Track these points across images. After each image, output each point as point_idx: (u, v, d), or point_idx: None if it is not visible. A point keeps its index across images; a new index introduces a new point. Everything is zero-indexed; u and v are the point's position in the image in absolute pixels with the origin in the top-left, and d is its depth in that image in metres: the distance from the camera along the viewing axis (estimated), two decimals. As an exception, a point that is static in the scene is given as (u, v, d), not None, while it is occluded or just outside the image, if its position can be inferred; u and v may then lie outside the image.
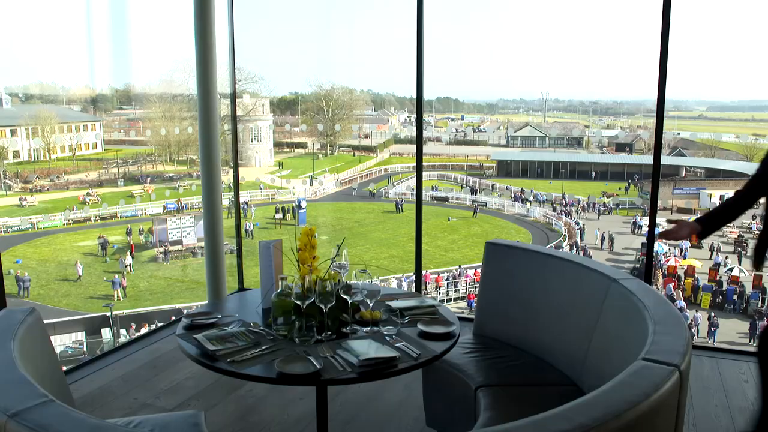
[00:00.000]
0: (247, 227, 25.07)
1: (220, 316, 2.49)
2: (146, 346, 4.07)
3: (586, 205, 30.35)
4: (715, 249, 23.21)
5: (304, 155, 39.31)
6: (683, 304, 18.50)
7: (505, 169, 37.87)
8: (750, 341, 16.98)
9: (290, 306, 2.28)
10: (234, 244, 6.61)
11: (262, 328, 2.34)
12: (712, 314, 17.82)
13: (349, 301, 2.31)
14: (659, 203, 4.12)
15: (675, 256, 22.29)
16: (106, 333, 17.42)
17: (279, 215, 28.56)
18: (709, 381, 3.55)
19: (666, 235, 2.86)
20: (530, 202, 32.16)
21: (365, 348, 2.12)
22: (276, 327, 2.30)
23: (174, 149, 34.79)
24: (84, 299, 20.23)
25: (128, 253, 22.84)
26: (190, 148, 33.37)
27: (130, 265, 22.02)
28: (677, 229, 2.80)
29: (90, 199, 29.00)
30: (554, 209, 30.70)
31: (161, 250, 23.29)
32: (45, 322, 2.13)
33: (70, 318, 17.93)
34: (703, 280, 20.35)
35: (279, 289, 2.33)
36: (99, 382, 3.52)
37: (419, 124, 4.46)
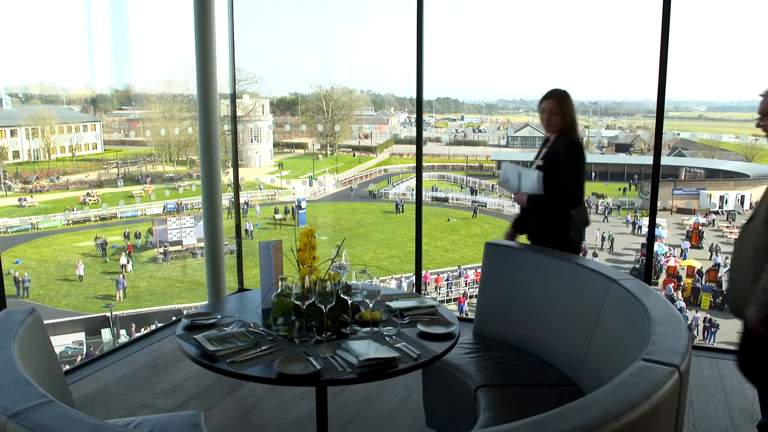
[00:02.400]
0: (247, 227, 25.07)
1: (220, 317, 2.49)
2: (146, 346, 4.08)
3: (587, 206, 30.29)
4: (715, 249, 23.20)
5: (304, 155, 39.31)
6: (683, 304, 18.50)
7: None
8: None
9: (290, 306, 2.28)
10: (234, 244, 6.61)
11: (262, 328, 2.34)
12: (708, 316, 17.80)
13: (349, 302, 2.31)
14: (659, 204, 4.12)
15: (674, 257, 22.29)
16: (106, 333, 17.42)
17: (279, 215, 28.57)
18: (709, 381, 3.55)
19: (509, 187, 3.42)
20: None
21: (365, 348, 2.12)
22: (276, 327, 2.30)
23: (174, 150, 34.76)
24: (84, 299, 20.22)
25: (122, 254, 22.85)
26: (190, 149, 33.34)
27: (124, 266, 22.02)
28: (520, 193, 3.33)
29: (90, 200, 28.97)
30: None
31: (161, 250, 23.28)
32: (45, 322, 2.13)
33: (70, 318, 17.93)
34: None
35: (279, 290, 2.33)
36: (99, 383, 3.52)
37: (419, 124, 4.46)
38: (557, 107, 3.23)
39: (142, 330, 16.30)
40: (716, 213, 28.08)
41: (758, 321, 2.36)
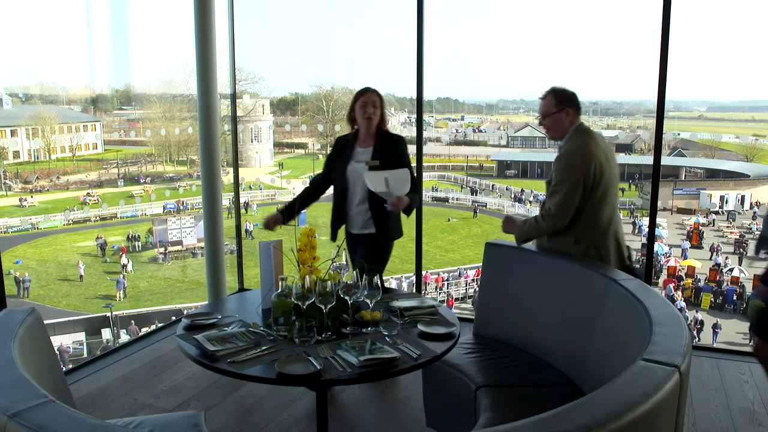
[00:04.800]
0: (248, 227, 25.07)
1: (220, 317, 2.49)
2: (146, 346, 4.08)
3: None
4: (715, 249, 23.20)
5: (304, 155, 39.28)
6: (683, 304, 18.50)
7: (505, 169, 37.89)
8: (750, 342, 16.95)
9: (290, 306, 2.28)
10: (234, 244, 6.60)
11: (262, 328, 2.34)
12: (717, 321, 17.78)
13: (349, 302, 2.31)
14: (659, 204, 4.12)
15: (675, 257, 22.28)
16: (106, 333, 17.42)
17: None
18: (709, 381, 3.55)
19: (386, 195, 3.22)
20: (530, 202, 32.13)
21: (365, 348, 2.12)
22: (276, 327, 2.30)
23: (174, 150, 34.76)
24: (84, 299, 20.22)
25: (122, 254, 22.86)
26: (190, 149, 33.33)
27: (125, 266, 22.03)
28: (400, 197, 3.21)
29: (90, 200, 28.97)
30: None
31: (161, 250, 23.27)
32: (45, 322, 2.13)
33: (70, 318, 17.93)
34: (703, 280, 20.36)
35: (279, 290, 2.33)
36: (99, 383, 3.52)
37: (419, 124, 4.46)
38: (378, 100, 3.30)
39: (143, 330, 16.30)
40: (716, 213, 28.07)
41: (506, 230, 3.12)
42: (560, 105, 2.93)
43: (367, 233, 3.40)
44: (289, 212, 3.31)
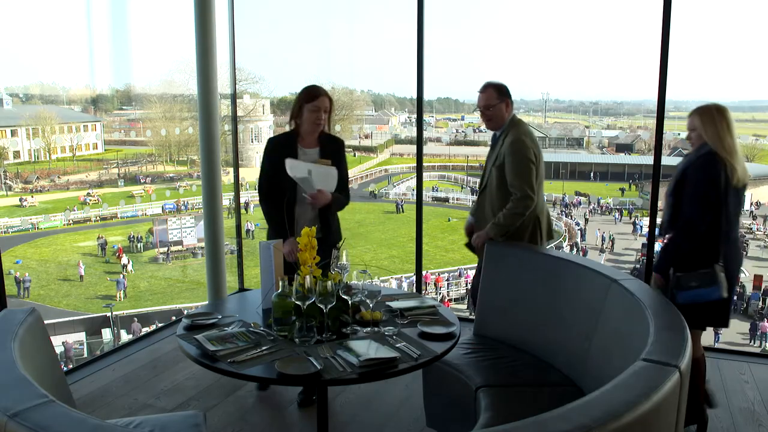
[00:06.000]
0: (248, 227, 25.06)
1: (220, 317, 2.49)
2: (146, 346, 4.08)
3: (594, 208, 30.20)
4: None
5: (304, 156, 39.19)
6: (683, 304, 18.45)
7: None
8: (750, 342, 16.98)
9: (290, 306, 2.28)
10: (234, 244, 6.60)
11: (262, 328, 2.34)
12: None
13: (350, 302, 2.31)
14: (660, 204, 4.11)
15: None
16: (107, 333, 17.42)
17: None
18: (710, 381, 3.54)
19: (307, 185, 3.06)
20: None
21: (365, 348, 2.12)
22: (276, 327, 2.30)
23: (174, 150, 34.73)
24: (84, 299, 20.22)
25: (123, 254, 22.86)
26: (190, 149, 33.31)
27: (125, 266, 22.03)
28: (322, 192, 3.06)
29: (90, 200, 28.95)
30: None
31: (163, 250, 23.26)
32: (45, 322, 2.13)
33: (71, 318, 17.92)
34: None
35: (279, 290, 2.33)
36: (99, 383, 3.52)
37: (419, 124, 4.46)
38: (329, 105, 3.20)
39: (143, 330, 16.30)
40: (716, 213, 27.96)
41: (481, 241, 3.18)
42: (501, 97, 3.22)
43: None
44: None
